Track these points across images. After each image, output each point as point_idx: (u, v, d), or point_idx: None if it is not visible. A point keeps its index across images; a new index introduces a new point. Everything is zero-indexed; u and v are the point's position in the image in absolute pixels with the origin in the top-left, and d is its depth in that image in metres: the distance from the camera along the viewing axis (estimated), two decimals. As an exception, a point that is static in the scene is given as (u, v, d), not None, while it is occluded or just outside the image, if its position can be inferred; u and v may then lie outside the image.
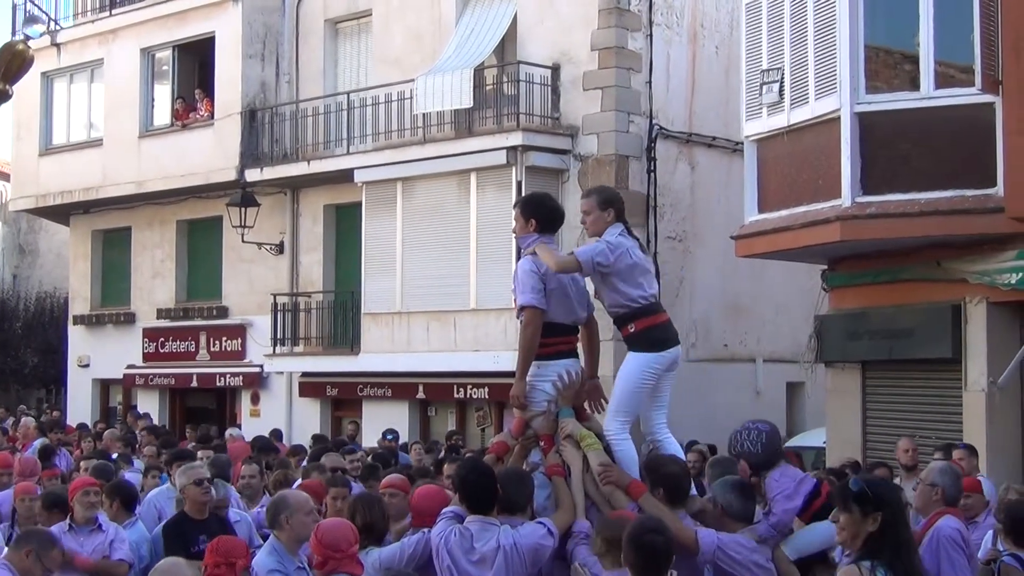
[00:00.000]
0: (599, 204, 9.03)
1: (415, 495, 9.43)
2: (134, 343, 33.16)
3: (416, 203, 26.45)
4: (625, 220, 9.09)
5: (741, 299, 26.53)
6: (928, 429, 17.88)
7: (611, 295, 8.89)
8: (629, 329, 8.86)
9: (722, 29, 26.49)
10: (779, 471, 8.68)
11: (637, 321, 8.85)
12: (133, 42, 32.30)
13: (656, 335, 8.91)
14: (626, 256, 8.84)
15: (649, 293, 8.96)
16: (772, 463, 8.72)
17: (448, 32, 27.09)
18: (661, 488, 8.58)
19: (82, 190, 33.36)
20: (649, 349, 8.83)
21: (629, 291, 8.84)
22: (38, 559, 8.76)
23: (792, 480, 8.64)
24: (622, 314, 8.87)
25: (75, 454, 20.58)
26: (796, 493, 8.56)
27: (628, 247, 8.89)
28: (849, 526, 6.55)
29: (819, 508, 8.55)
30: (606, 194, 9.31)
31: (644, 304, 8.91)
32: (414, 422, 27.50)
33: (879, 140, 17.30)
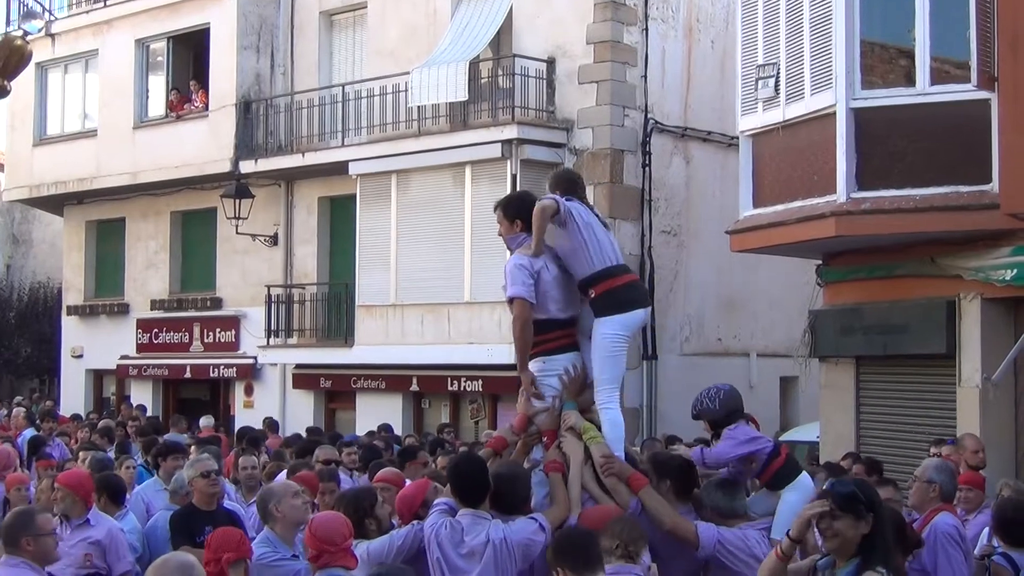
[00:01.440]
0: (549, 187, 9.24)
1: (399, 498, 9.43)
2: (128, 334, 33.15)
3: (411, 196, 26.45)
4: (578, 195, 9.18)
5: (735, 294, 26.55)
6: (922, 425, 17.89)
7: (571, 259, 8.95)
8: (590, 294, 8.89)
9: (718, 24, 26.50)
10: (736, 426, 8.72)
11: (598, 285, 8.87)
12: (128, 33, 32.27)
13: (616, 297, 8.91)
14: (592, 212, 9.07)
15: (608, 257, 8.98)
16: (731, 421, 8.75)
17: (443, 25, 27.06)
18: (668, 481, 8.60)
19: (76, 181, 33.34)
20: (614, 311, 8.85)
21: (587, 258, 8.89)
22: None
23: (744, 435, 8.68)
24: (587, 277, 8.91)
25: (71, 444, 20.55)
26: (742, 445, 8.61)
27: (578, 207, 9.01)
28: (844, 531, 6.56)
29: (779, 468, 8.62)
30: (554, 178, 9.43)
31: (601, 268, 8.92)
32: (408, 414, 27.50)
33: (874, 136, 17.28)
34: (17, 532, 8.61)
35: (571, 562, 7.19)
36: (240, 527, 9.73)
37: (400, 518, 9.10)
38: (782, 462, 8.65)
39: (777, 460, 8.65)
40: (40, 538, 8.60)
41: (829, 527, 6.60)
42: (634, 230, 24.99)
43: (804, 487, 8.63)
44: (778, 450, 8.71)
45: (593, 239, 8.90)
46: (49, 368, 40.00)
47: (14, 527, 8.67)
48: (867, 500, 6.63)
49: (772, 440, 8.89)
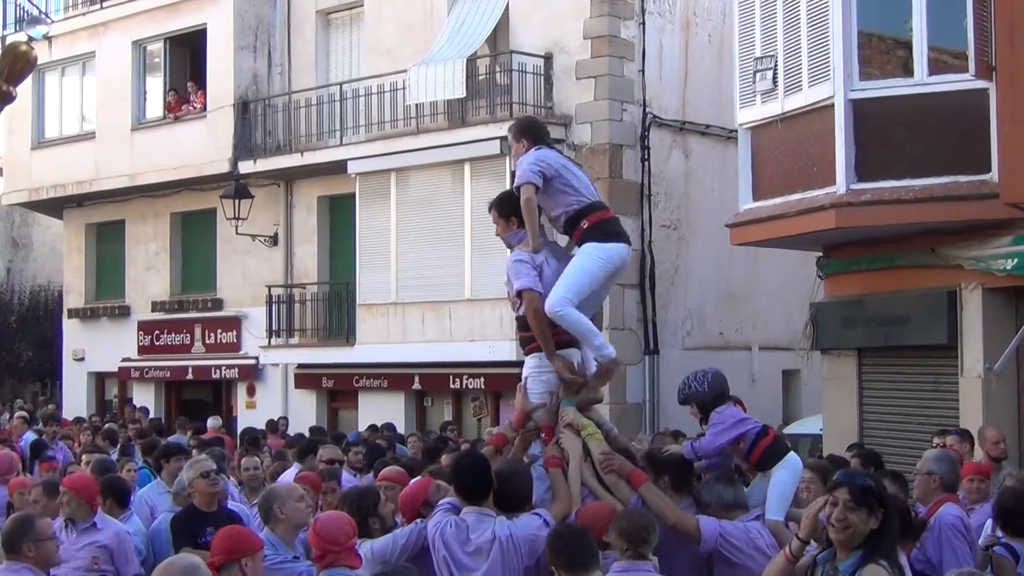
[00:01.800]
0: (514, 136, 9.34)
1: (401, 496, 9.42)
2: (129, 336, 33.15)
3: (410, 194, 26.44)
4: (546, 142, 9.31)
5: (736, 287, 26.53)
6: (924, 416, 17.87)
7: (558, 199, 9.04)
8: (582, 225, 8.99)
9: (715, 17, 26.47)
10: (723, 407, 8.78)
11: (589, 216, 9.01)
12: (124, 34, 32.27)
13: (609, 227, 9.12)
14: (555, 158, 9.16)
15: (592, 192, 9.20)
16: (718, 403, 8.81)
17: (440, 22, 27.04)
18: (666, 476, 8.60)
19: (75, 183, 33.36)
20: (605, 239, 8.95)
21: (574, 191, 9.02)
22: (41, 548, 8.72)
23: (732, 417, 8.73)
24: (572, 214, 8.97)
25: (73, 447, 20.56)
26: (730, 429, 8.67)
27: (553, 154, 9.19)
28: (857, 524, 6.54)
29: (767, 448, 8.66)
30: (518, 126, 9.53)
31: (592, 200, 9.11)
32: (410, 413, 27.50)
33: (873, 127, 17.26)
34: (17, 538, 8.59)
35: (564, 561, 7.20)
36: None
37: (403, 516, 9.09)
38: (770, 441, 8.72)
39: (765, 439, 8.71)
40: (41, 543, 8.58)
41: (844, 519, 6.57)
42: (634, 225, 24.96)
43: (793, 466, 8.71)
44: (766, 430, 8.75)
45: (575, 177, 9.11)
46: (51, 371, 40.01)
47: (14, 533, 8.66)
48: (879, 495, 6.63)
49: (759, 421, 8.90)
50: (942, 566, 9.45)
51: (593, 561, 7.27)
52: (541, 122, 9.83)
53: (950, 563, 9.37)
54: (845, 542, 6.60)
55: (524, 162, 9.01)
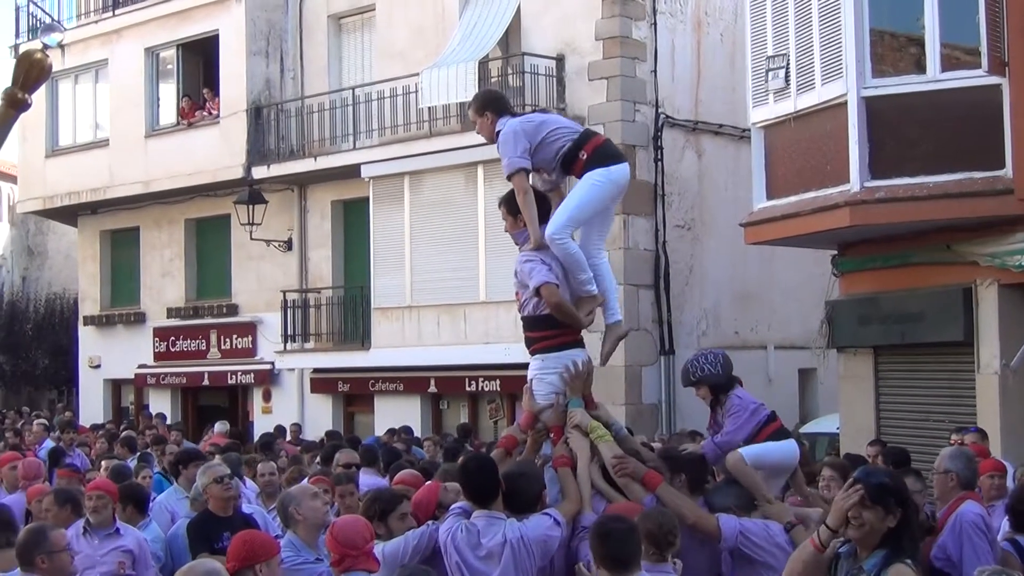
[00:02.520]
0: (476, 111, 9.32)
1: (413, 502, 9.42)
2: (145, 343, 33.20)
3: (423, 197, 26.47)
4: (510, 111, 9.31)
5: (751, 286, 26.49)
6: (941, 413, 17.86)
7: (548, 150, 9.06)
8: (581, 157, 8.98)
9: (726, 16, 26.45)
10: (739, 391, 8.91)
11: (585, 145, 9.02)
12: (137, 42, 32.32)
13: (608, 150, 9.10)
14: (527, 122, 9.15)
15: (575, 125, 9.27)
16: (731, 385, 8.93)
17: (452, 25, 27.05)
18: (683, 475, 8.58)
19: (89, 191, 33.39)
20: (605, 163, 8.95)
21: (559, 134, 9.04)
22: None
23: (751, 404, 8.83)
24: (567, 151, 8.97)
25: (90, 454, 20.58)
26: (751, 418, 8.77)
27: (519, 118, 9.19)
28: (872, 522, 6.52)
29: (772, 434, 8.79)
30: (478, 100, 9.49)
31: (580, 130, 9.15)
32: (426, 416, 27.51)
33: (886, 124, 17.24)
34: (31, 550, 8.57)
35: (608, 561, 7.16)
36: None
37: (416, 521, 9.10)
38: (777, 427, 8.80)
39: (772, 425, 8.79)
40: (54, 555, 8.56)
41: (858, 516, 6.55)
42: (648, 225, 24.95)
43: (789, 444, 8.83)
44: (774, 416, 8.81)
45: (553, 123, 9.16)
46: (67, 379, 40.11)
47: (28, 545, 8.63)
48: (897, 493, 6.59)
49: (768, 409, 8.94)
50: (962, 564, 9.43)
51: (635, 562, 7.24)
52: (500, 92, 9.79)
53: (970, 560, 9.34)
54: (862, 540, 6.57)
55: (505, 146, 8.96)
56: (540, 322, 8.88)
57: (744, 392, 8.92)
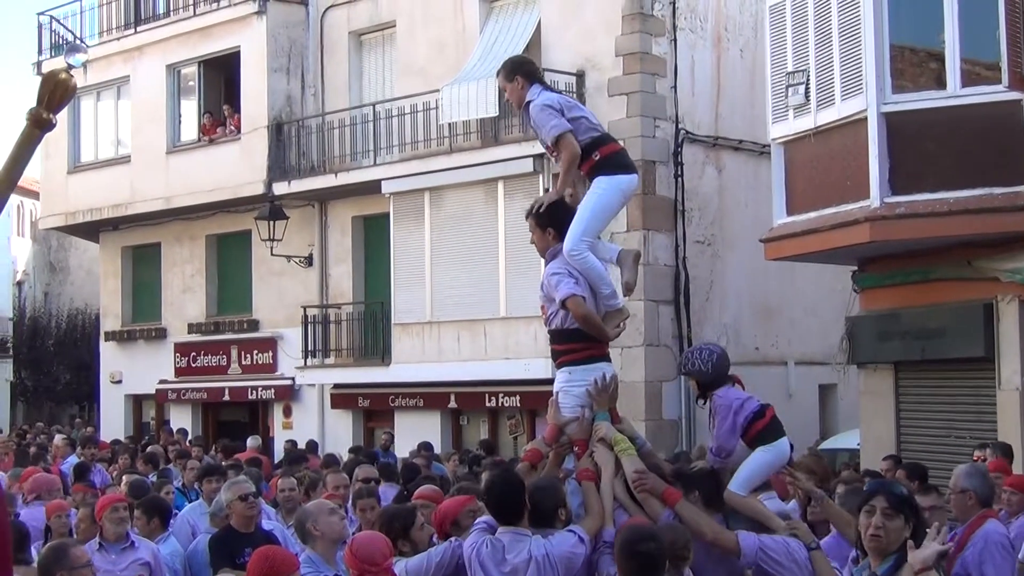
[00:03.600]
0: (506, 77, 9.22)
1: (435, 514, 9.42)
2: (166, 358, 33.28)
3: (444, 213, 26.50)
4: (540, 79, 9.23)
5: (771, 302, 26.45)
6: (962, 429, 17.82)
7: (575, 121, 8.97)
8: (595, 157, 8.88)
9: (746, 32, 26.45)
10: (724, 389, 8.71)
11: (602, 148, 8.92)
12: (159, 58, 32.45)
13: (621, 159, 9.02)
14: (567, 100, 9.12)
15: (600, 124, 9.15)
16: (719, 383, 8.75)
17: (472, 41, 27.11)
18: (697, 492, 8.56)
19: (111, 207, 33.51)
20: (617, 171, 8.89)
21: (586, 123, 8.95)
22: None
23: (735, 400, 8.63)
24: (586, 144, 8.90)
25: (111, 470, 20.63)
26: (734, 417, 8.58)
27: (557, 94, 9.14)
28: (893, 532, 6.55)
29: (761, 429, 8.59)
30: (508, 65, 9.38)
31: (603, 132, 9.06)
32: (446, 432, 27.52)
33: (906, 140, 17.24)
34: (52, 567, 8.58)
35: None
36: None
37: (437, 533, 9.11)
38: (766, 423, 8.65)
39: (761, 420, 8.65)
40: (75, 571, 8.58)
41: (882, 526, 6.57)
42: (668, 241, 24.95)
43: (780, 451, 8.63)
44: (763, 411, 8.72)
45: (580, 110, 9.09)
46: (88, 394, 40.24)
47: (49, 562, 8.65)
48: (914, 504, 6.67)
49: (759, 402, 8.88)
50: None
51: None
52: (529, 58, 9.78)
53: (991, 577, 9.34)
54: (881, 549, 6.60)
55: (544, 114, 8.93)
56: (567, 335, 8.85)
57: (729, 390, 8.82)
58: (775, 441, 8.60)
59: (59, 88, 5.51)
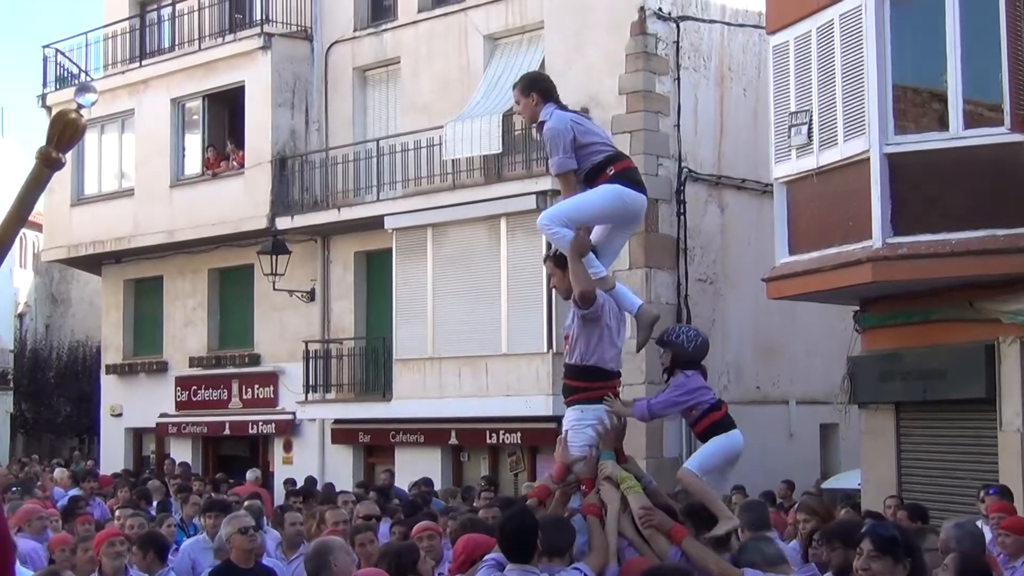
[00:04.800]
0: (521, 92, 9.18)
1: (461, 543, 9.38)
2: (167, 392, 33.25)
3: (446, 249, 26.53)
4: (555, 98, 9.17)
5: (773, 341, 26.47)
6: (964, 471, 17.79)
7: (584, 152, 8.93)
8: (609, 172, 8.84)
9: (749, 72, 26.53)
10: (693, 373, 8.86)
11: (616, 164, 8.89)
12: (163, 92, 32.54)
13: (632, 175, 8.94)
14: (579, 123, 9.06)
15: (611, 141, 9.19)
16: (691, 365, 8.92)
17: (476, 78, 27.20)
18: (706, 531, 8.57)
19: (114, 240, 33.55)
20: (628, 184, 8.83)
21: (598, 142, 8.94)
22: None
23: (695, 383, 8.78)
24: (599, 161, 8.87)
25: (111, 504, 20.59)
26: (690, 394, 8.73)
27: (570, 115, 9.08)
28: (880, 573, 6.55)
29: (715, 422, 8.70)
30: (525, 80, 9.38)
31: (616, 150, 9.07)
32: (447, 468, 27.48)
33: (909, 181, 17.26)
34: None
35: None
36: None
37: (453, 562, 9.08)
38: (720, 416, 8.75)
39: (716, 413, 8.75)
40: None
41: (868, 568, 6.59)
42: (670, 279, 24.99)
43: (734, 438, 8.73)
44: (719, 404, 8.78)
45: (593, 131, 9.07)
46: (89, 427, 40.21)
47: None
48: (906, 545, 6.64)
49: (716, 395, 8.93)
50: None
51: None
52: (547, 76, 9.74)
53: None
54: None
55: (555, 142, 8.86)
56: (584, 372, 8.85)
57: (697, 375, 8.88)
58: (729, 430, 8.74)
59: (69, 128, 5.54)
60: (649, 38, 25.07)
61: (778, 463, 24.00)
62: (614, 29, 25.29)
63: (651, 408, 8.79)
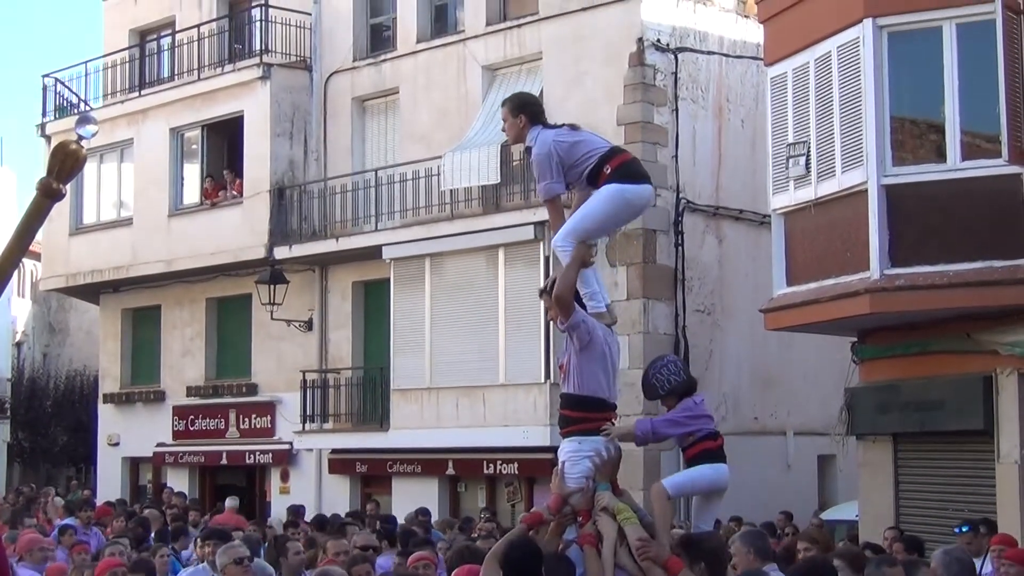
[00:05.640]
0: (511, 112, 9.11)
1: None
2: (164, 421, 33.21)
3: (444, 279, 26.54)
4: (542, 121, 9.06)
5: (771, 372, 26.46)
6: (961, 502, 17.75)
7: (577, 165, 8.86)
8: (606, 171, 8.73)
9: (747, 103, 26.58)
10: (701, 396, 8.85)
11: (611, 160, 8.77)
12: (162, 122, 32.58)
13: (632, 168, 8.82)
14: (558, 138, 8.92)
15: (604, 141, 9.03)
16: (693, 389, 8.87)
17: (474, 109, 27.25)
18: (702, 563, 8.54)
19: (112, 269, 33.55)
20: (627, 180, 8.72)
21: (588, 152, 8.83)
22: None
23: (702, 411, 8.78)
24: (593, 165, 8.79)
25: (107, 533, 20.54)
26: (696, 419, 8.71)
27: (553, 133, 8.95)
28: None
29: (707, 451, 8.65)
30: (515, 100, 9.33)
31: (609, 147, 8.93)
32: (444, 498, 27.43)
33: (907, 212, 17.28)
34: None
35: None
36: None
37: None
38: (714, 446, 8.68)
39: (711, 442, 8.69)
40: None
41: None
42: (668, 310, 24.99)
43: (718, 468, 8.67)
44: (716, 435, 8.74)
45: (584, 140, 8.93)
46: (85, 456, 40.15)
47: None
48: None
49: (716, 425, 8.91)
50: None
51: None
52: (537, 98, 9.66)
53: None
54: None
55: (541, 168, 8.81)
56: (581, 402, 8.83)
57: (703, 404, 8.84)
58: (715, 463, 8.70)
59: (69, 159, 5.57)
60: (647, 69, 25.12)
61: (776, 494, 23.98)
62: (612, 60, 25.34)
63: (654, 425, 8.73)
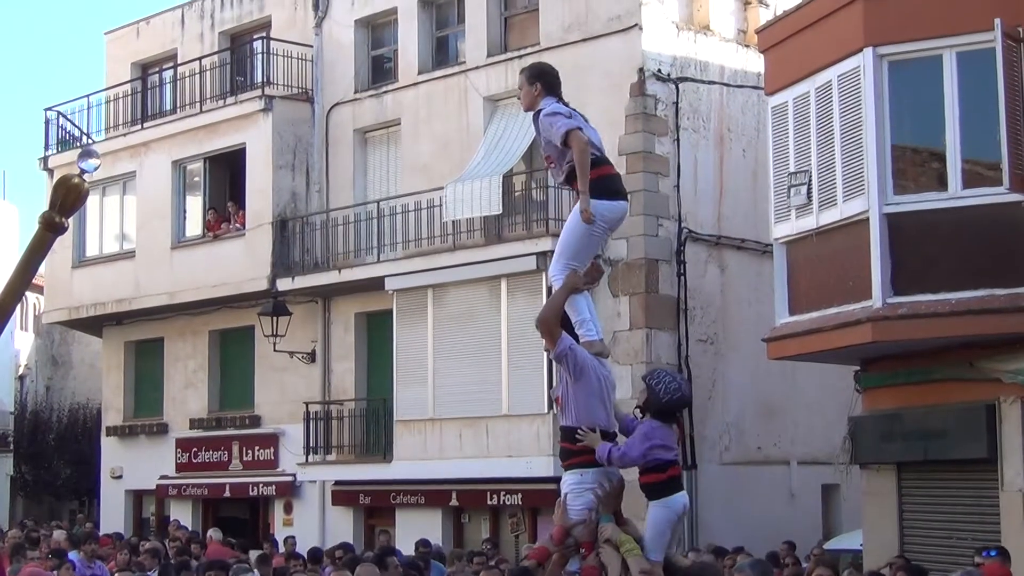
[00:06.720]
0: (528, 79, 9.27)
1: None
2: (167, 453, 33.19)
3: (447, 310, 26.54)
4: (558, 93, 9.21)
5: (774, 401, 26.43)
6: (965, 531, 17.72)
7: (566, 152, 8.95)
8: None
9: (748, 132, 26.61)
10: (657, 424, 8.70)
11: (592, 170, 8.83)
12: (165, 154, 32.64)
13: (609, 184, 8.94)
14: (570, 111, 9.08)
15: (600, 145, 9.09)
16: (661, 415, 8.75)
17: (476, 140, 27.29)
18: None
19: (115, 302, 33.57)
20: (603, 196, 8.81)
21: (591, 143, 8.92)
22: None
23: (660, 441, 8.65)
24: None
25: (111, 567, 20.52)
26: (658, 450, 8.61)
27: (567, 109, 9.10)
28: None
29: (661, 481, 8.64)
30: (534, 68, 9.51)
31: (599, 155, 8.99)
32: (447, 530, 27.39)
33: (908, 241, 17.28)
34: None
35: None
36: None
37: None
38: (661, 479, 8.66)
39: (658, 475, 8.64)
40: None
41: None
42: (671, 339, 24.98)
43: (674, 505, 8.65)
44: (666, 467, 8.69)
45: (592, 130, 9.06)
46: (89, 489, 40.07)
47: None
48: None
49: (678, 455, 8.86)
50: None
51: None
52: (557, 72, 9.73)
53: None
54: None
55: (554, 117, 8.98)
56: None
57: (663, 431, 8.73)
58: (672, 495, 8.67)
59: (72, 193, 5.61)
60: (648, 99, 25.17)
61: (779, 524, 23.94)
62: (613, 90, 25.37)
63: (610, 456, 8.68)
